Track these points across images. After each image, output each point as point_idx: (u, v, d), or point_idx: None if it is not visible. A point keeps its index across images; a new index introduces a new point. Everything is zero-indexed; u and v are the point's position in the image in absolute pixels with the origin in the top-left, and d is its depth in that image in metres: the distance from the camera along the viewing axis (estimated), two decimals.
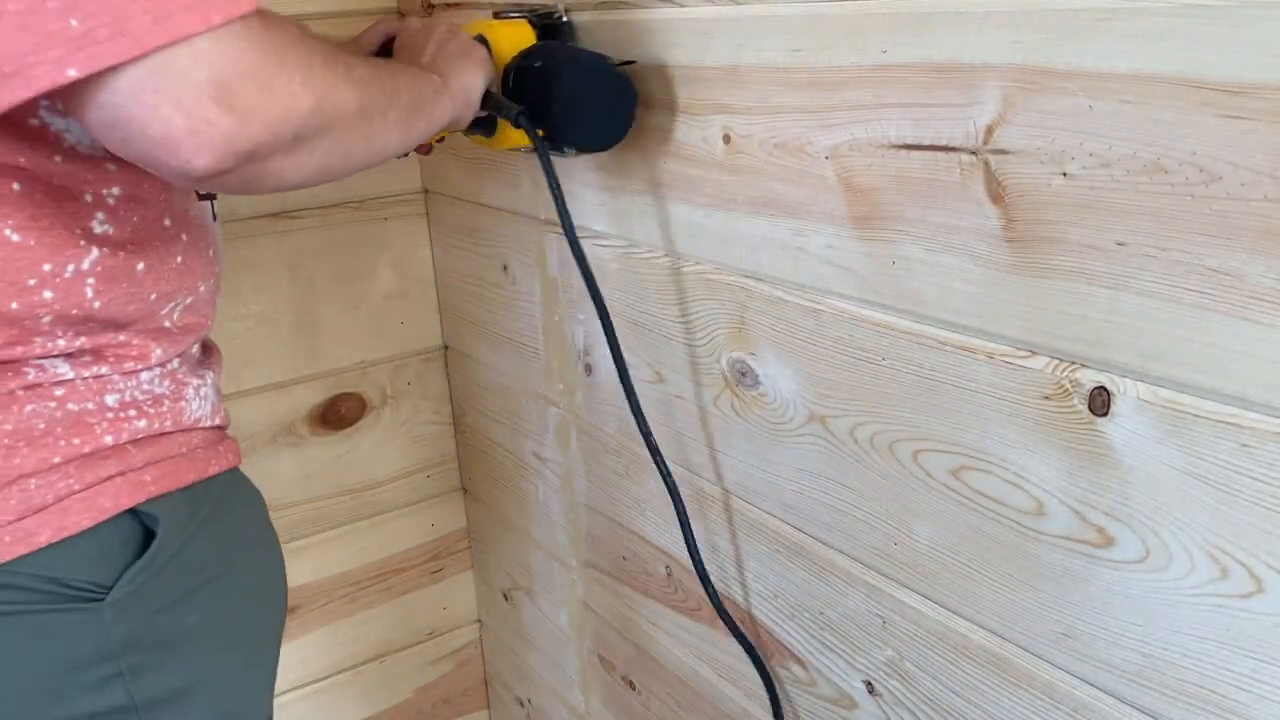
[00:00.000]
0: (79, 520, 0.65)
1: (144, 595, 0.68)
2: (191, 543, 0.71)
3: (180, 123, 0.54)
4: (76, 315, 0.66)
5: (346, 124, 0.64)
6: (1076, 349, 0.57)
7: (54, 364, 0.67)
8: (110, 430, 0.68)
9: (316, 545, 1.34)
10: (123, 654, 0.67)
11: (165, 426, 0.71)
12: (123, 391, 0.69)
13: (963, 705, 0.71)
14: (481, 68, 0.82)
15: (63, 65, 0.51)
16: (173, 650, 0.70)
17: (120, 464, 0.68)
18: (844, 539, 0.77)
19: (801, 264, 0.74)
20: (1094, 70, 0.52)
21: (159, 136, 0.54)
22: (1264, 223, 0.47)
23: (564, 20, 0.89)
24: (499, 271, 1.18)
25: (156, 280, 0.70)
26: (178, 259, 0.71)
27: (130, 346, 0.70)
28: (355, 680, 1.43)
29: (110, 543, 0.67)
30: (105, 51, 0.51)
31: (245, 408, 1.25)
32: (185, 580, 0.71)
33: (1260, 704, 0.53)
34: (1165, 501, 0.55)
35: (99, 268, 0.66)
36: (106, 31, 0.51)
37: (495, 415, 1.29)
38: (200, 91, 0.54)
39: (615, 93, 0.83)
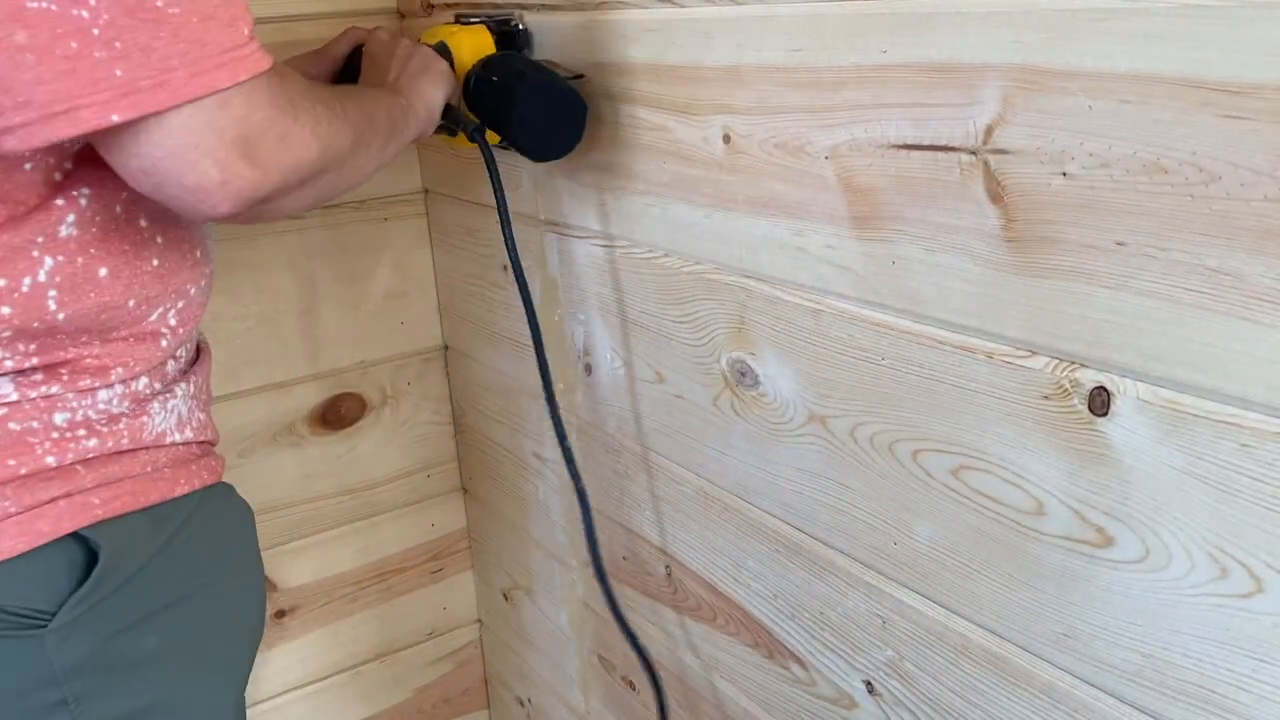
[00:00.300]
0: (13, 545, 0.64)
1: (94, 620, 0.67)
2: (153, 564, 0.70)
3: (215, 175, 0.59)
4: (38, 328, 0.65)
5: (343, 160, 0.70)
6: (1076, 349, 0.57)
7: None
8: (54, 451, 0.67)
9: (316, 545, 1.34)
10: (67, 680, 0.66)
11: (122, 445, 0.70)
12: (74, 410, 0.68)
13: (962, 705, 0.71)
14: (442, 83, 0.88)
15: (108, 110, 0.56)
16: (127, 674, 0.69)
17: (65, 485, 0.66)
18: (844, 539, 0.77)
19: (801, 264, 0.74)
20: (1094, 70, 0.52)
21: (193, 185, 0.59)
22: (1264, 223, 0.47)
23: (520, 28, 0.96)
24: (499, 271, 1.18)
25: (129, 285, 0.69)
26: (153, 261, 0.70)
27: (86, 362, 0.68)
28: (355, 680, 1.43)
29: (53, 568, 0.66)
30: (147, 100, 0.56)
31: (245, 408, 1.25)
32: (144, 603, 0.70)
33: (1260, 704, 0.53)
34: (1165, 501, 0.55)
35: (57, 278, 0.65)
36: (150, 82, 0.56)
37: (495, 415, 1.29)
38: (231, 147, 0.59)
39: (565, 108, 0.88)
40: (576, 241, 1.00)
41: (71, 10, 0.54)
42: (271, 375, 1.26)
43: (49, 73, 0.55)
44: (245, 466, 1.26)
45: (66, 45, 0.54)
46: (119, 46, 0.55)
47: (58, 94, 0.55)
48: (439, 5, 1.14)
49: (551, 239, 1.05)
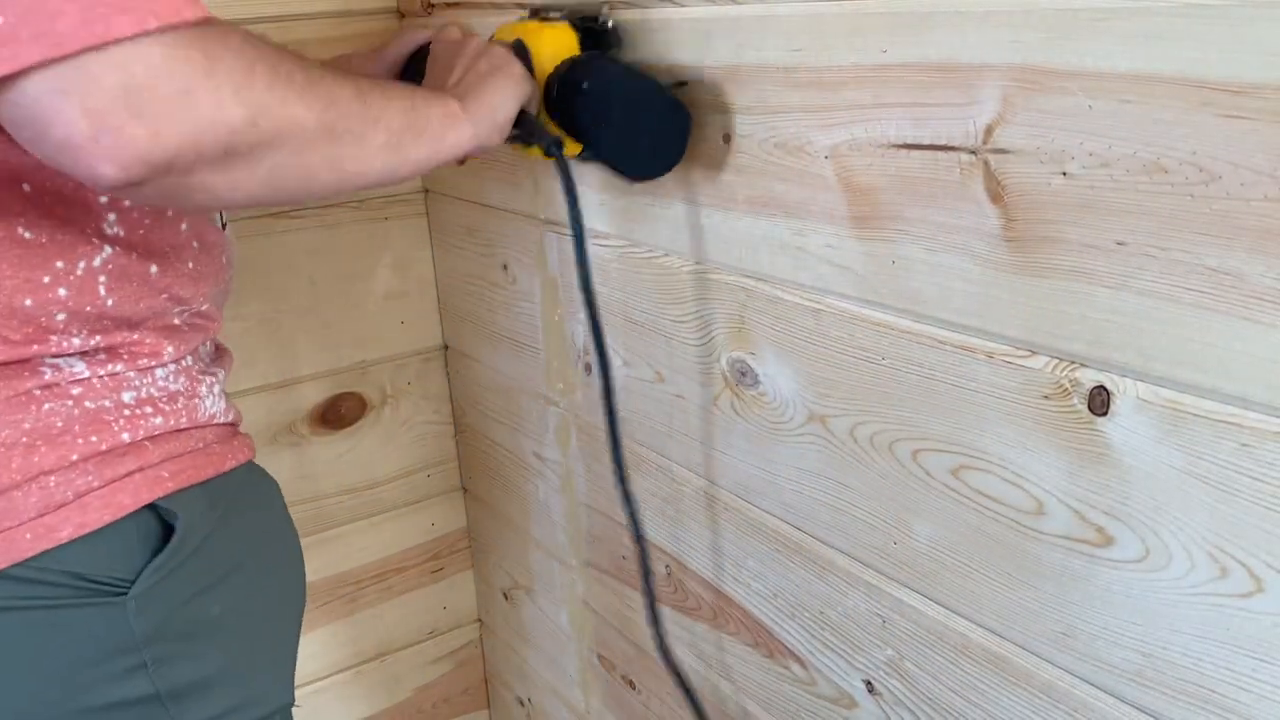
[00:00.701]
0: (99, 516, 0.66)
1: (167, 588, 0.69)
2: (212, 537, 0.72)
3: (84, 128, 0.51)
4: (90, 312, 0.67)
5: (300, 142, 0.60)
6: (1076, 348, 0.57)
7: (70, 363, 0.67)
8: (127, 427, 0.69)
9: (317, 545, 1.34)
10: (146, 645, 0.68)
11: (181, 423, 0.72)
12: (139, 389, 0.70)
13: (962, 704, 0.71)
14: (515, 88, 0.77)
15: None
16: (196, 641, 0.72)
17: (138, 460, 0.69)
18: (844, 538, 0.77)
19: (801, 263, 0.74)
20: (1094, 70, 0.52)
21: (61, 140, 0.52)
22: (1264, 222, 0.47)
23: (610, 26, 0.83)
24: (499, 271, 1.18)
25: (170, 283, 0.71)
26: (189, 264, 0.73)
27: (143, 344, 0.70)
28: (355, 680, 1.43)
29: (131, 538, 0.68)
30: (24, 51, 0.49)
31: (245, 408, 1.23)
32: (207, 573, 0.72)
33: (1260, 703, 0.53)
34: (1165, 501, 0.55)
35: (110, 265, 0.67)
36: (29, 31, 0.49)
37: (495, 415, 1.29)
38: (109, 97, 0.51)
39: (668, 122, 0.78)
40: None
41: None
42: (271, 375, 1.26)
43: None
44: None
45: None
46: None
47: None
48: (439, 4, 1.14)
49: (551, 239, 1.05)
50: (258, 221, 1.21)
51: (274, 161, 0.59)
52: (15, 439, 0.65)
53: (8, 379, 0.65)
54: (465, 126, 0.73)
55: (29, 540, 0.65)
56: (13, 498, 0.65)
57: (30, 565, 0.65)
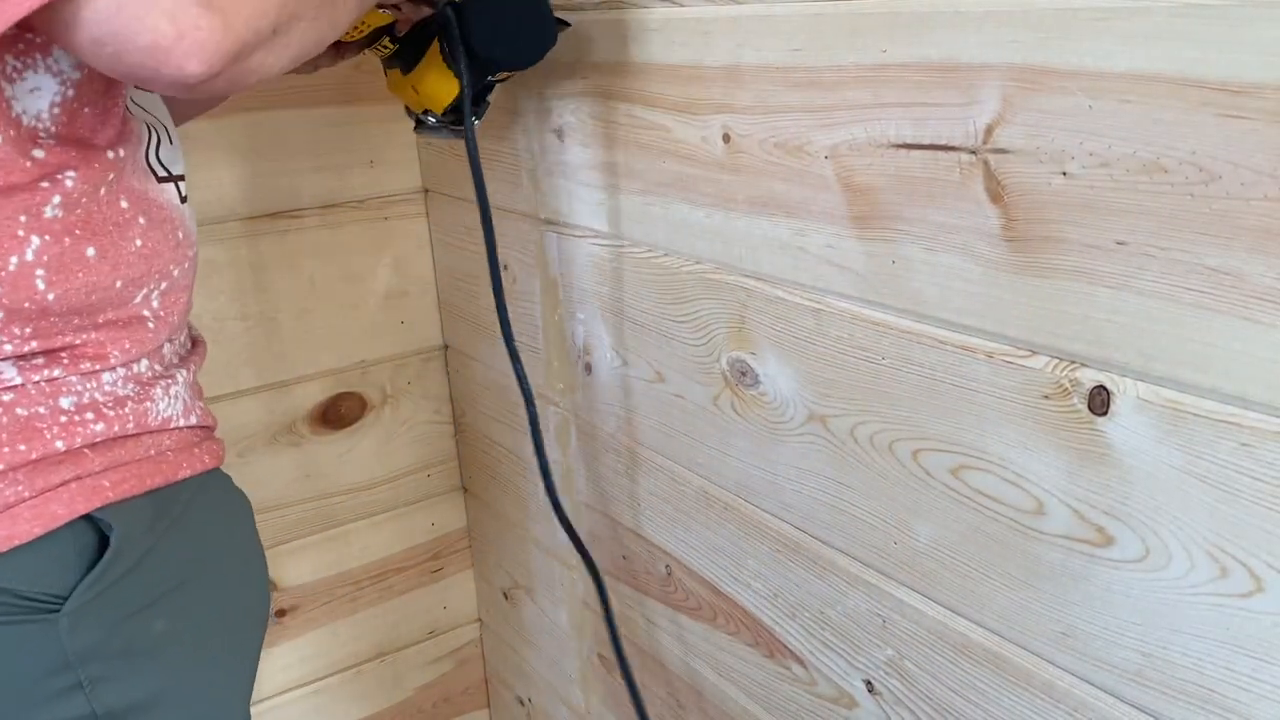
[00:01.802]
0: (29, 528, 0.64)
1: (104, 603, 0.67)
2: (158, 548, 0.70)
3: (167, 29, 0.54)
4: (29, 309, 0.64)
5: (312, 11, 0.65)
6: (1076, 348, 0.57)
7: (1, 368, 0.65)
8: (62, 435, 0.66)
9: (317, 544, 1.34)
10: (82, 664, 0.66)
11: (128, 429, 0.69)
12: (80, 394, 0.67)
13: (962, 704, 0.71)
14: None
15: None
16: (137, 659, 0.69)
17: (75, 469, 0.66)
18: (844, 538, 0.77)
19: (801, 263, 0.74)
20: (1093, 70, 0.52)
21: (148, 46, 0.54)
22: (1264, 222, 0.47)
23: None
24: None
25: (115, 266, 0.68)
26: (136, 242, 0.69)
27: (87, 347, 0.68)
28: (355, 679, 1.43)
29: (65, 551, 0.66)
30: None
31: (245, 407, 1.25)
32: (151, 587, 0.69)
33: (1260, 703, 0.53)
34: (1165, 501, 0.55)
35: (44, 257, 0.64)
36: None
37: (495, 415, 1.29)
38: None
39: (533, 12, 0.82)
40: (576, 241, 1.00)
41: None
42: (271, 375, 1.26)
43: None
44: (245, 466, 1.26)
45: None
46: None
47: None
48: None
49: (551, 239, 1.05)
50: (258, 221, 1.21)
51: (301, 30, 0.64)
52: None
53: None
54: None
55: None
56: None
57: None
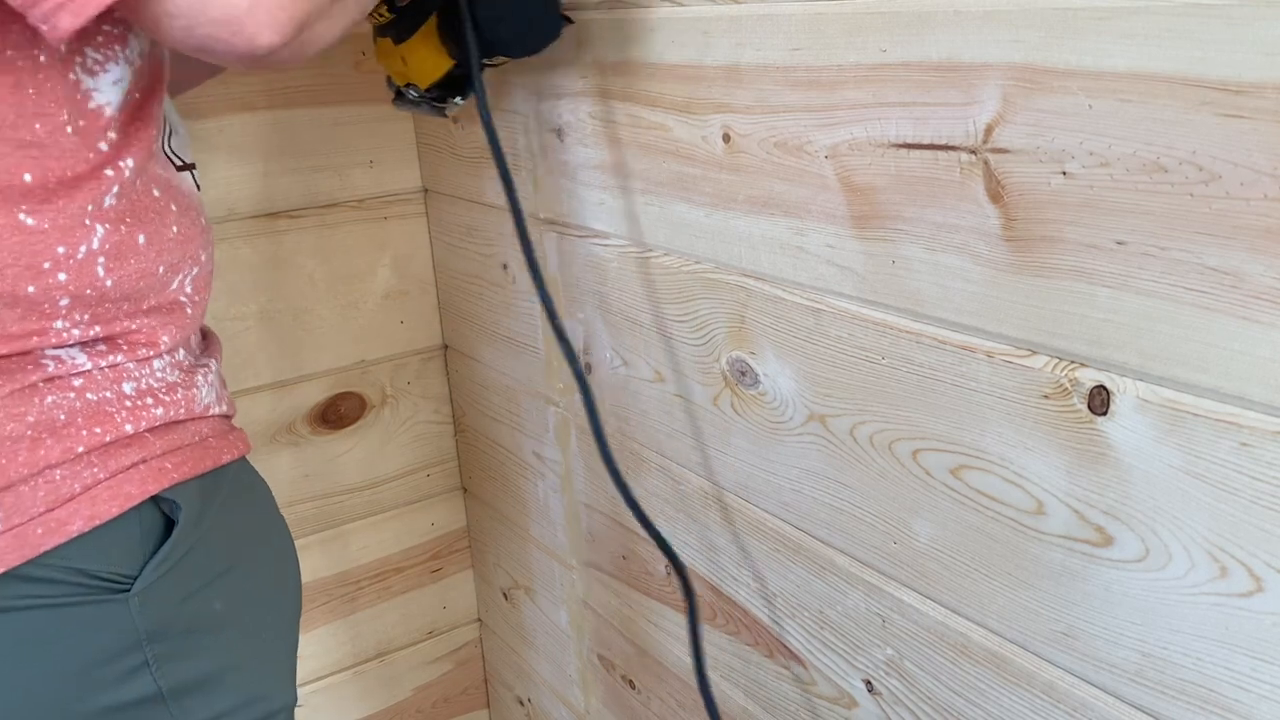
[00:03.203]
0: (108, 508, 0.66)
1: (169, 584, 0.69)
2: (211, 531, 0.72)
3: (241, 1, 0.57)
4: (91, 296, 0.67)
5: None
6: (1076, 348, 0.57)
7: (71, 354, 0.67)
8: (130, 419, 0.69)
9: (316, 544, 1.34)
10: (149, 643, 0.68)
11: (179, 414, 0.72)
12: (138, 380, 0.70)
13: (962, 704, 0.71)
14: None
15: None
16: (199, 637, 0.71)
17: (142, 451, 0.69)
18: (843, 538, 0.77)
19: (801, 263, 0.74)
20: (1093, 69, 0.52)
21: (220, 18, 0.57)
22: (1264, 222, 0.47)
23: None
24: (499, 271, 1.18)
25: (160, 252, 0.70)
26: (173, 229, 0.72)
27: (140, 334, 0.70)
28: (355, 679, 1.43)
29: (133, 532, 0.68)
30: None
31: (245, 407, 1.25)
32: (208, 567, 0.71)
33: (1260, 703, 0.53)
34: (1165, 501, 0.55)
35: (107, 245, 0.67)
36: None
37: (495, 415, 1.29)
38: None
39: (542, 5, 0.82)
40: (576, 241, 1.00)
41: None
42: (271, 374, 1.26)
43: None
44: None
45: None
46: None
47: None
48: None
49: (551, 238, 1.05)
50: (258, 221, 1.21)
51: (346, 6, 0.66)
52: (20, 433, 0.65)
53: (10, 373, 0.65)
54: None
55: (39, 535, 0.64)
56: (20, 493, 0.64)
57: (37, 563, 0.64)
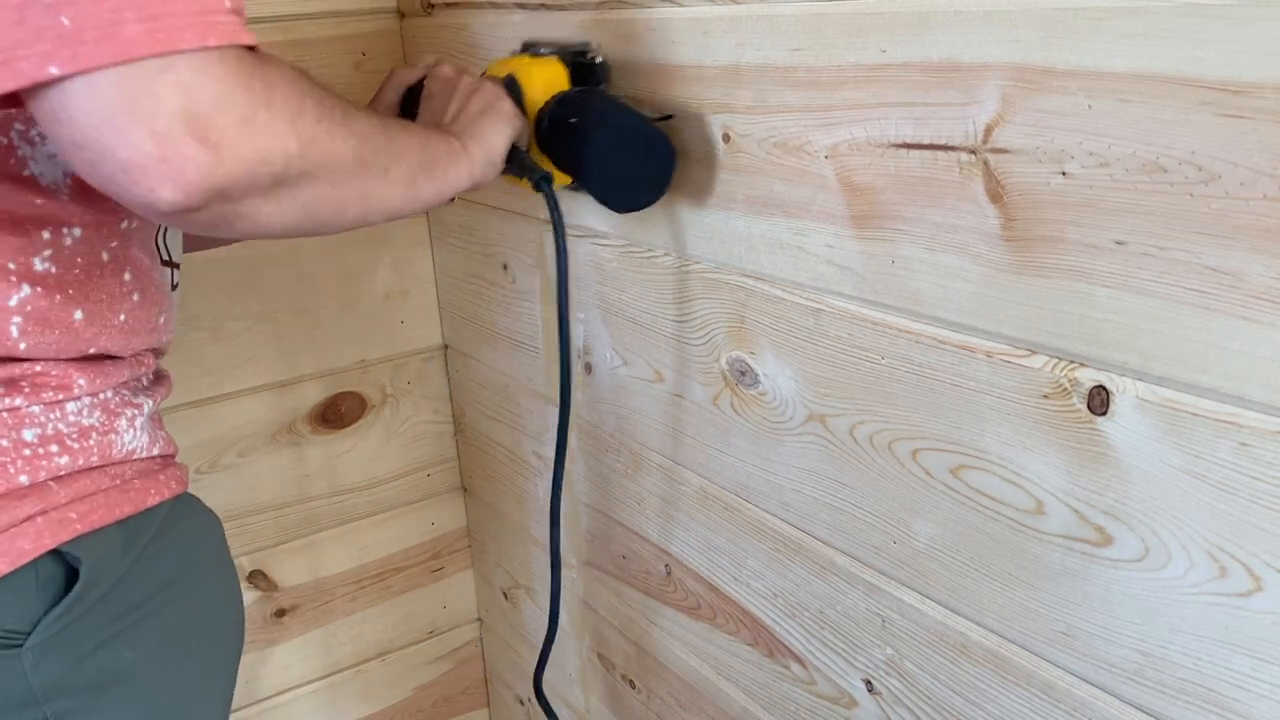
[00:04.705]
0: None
1: (71, 636, 0.65)
2: (128, 577, 0.68)
3: (150, 149, 0.51)
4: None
5: (339, 175, 0.62)
6: (1075, 348, 0.57)
7: None
8: (26, 469, 0.64)
9: (316, 544, 1.34)
10: (47, 699, 0.64)
11: (91, 461, 0.67)
12: (43, 425, 0.65)
13: (962, 704, 0.71)
14: (507, 125, 0.79)
15: (46, 60, 0.50)
16: (107, 690, 0.67)
17: (41, 502, 0.64)
18: (843, 538, 0.78)
19: (801, 263, 0.74)
20: (1093, 69, 0.52)
21: (125, 161, 0.52)
22: (1263, 222, 0.47)
23: (598, 61, 0.86)
24: (499, 271, 1.18)
25: (96, 333, 0.67)
26: (121, 317, 0.68)
27: (50, 377, 0.65)
28: (355, 679, 1.43)
29: (27, 587, 0.63)
30: (90, 52, 0.50)
31: (245, 407, 1.25)
32: (119, 618, 0.68)
33: (1259, 702, 0.53)
34: (1164, 500, 0.55)
35: (29, 307, 0.63)
36: (96, 34, 0.49)
37: (495, 414, 1.29)
38: (175, 118, 0.51)
39: (653, 155, 0.80)
40: (576, 241, 1.00)
41: None
42: (271, 374, 1.26)
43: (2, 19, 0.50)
44: (245, 465, 1.26)
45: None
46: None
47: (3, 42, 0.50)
48: (439, 4, 1.14)
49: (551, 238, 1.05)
50: None
51: (314, 192, 0.61)
52: None
53: None
54: (464, 163, 0.75)
55: None
56: None
57: None
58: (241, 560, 1.29)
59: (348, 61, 1.22)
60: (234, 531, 1.27)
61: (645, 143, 0.80)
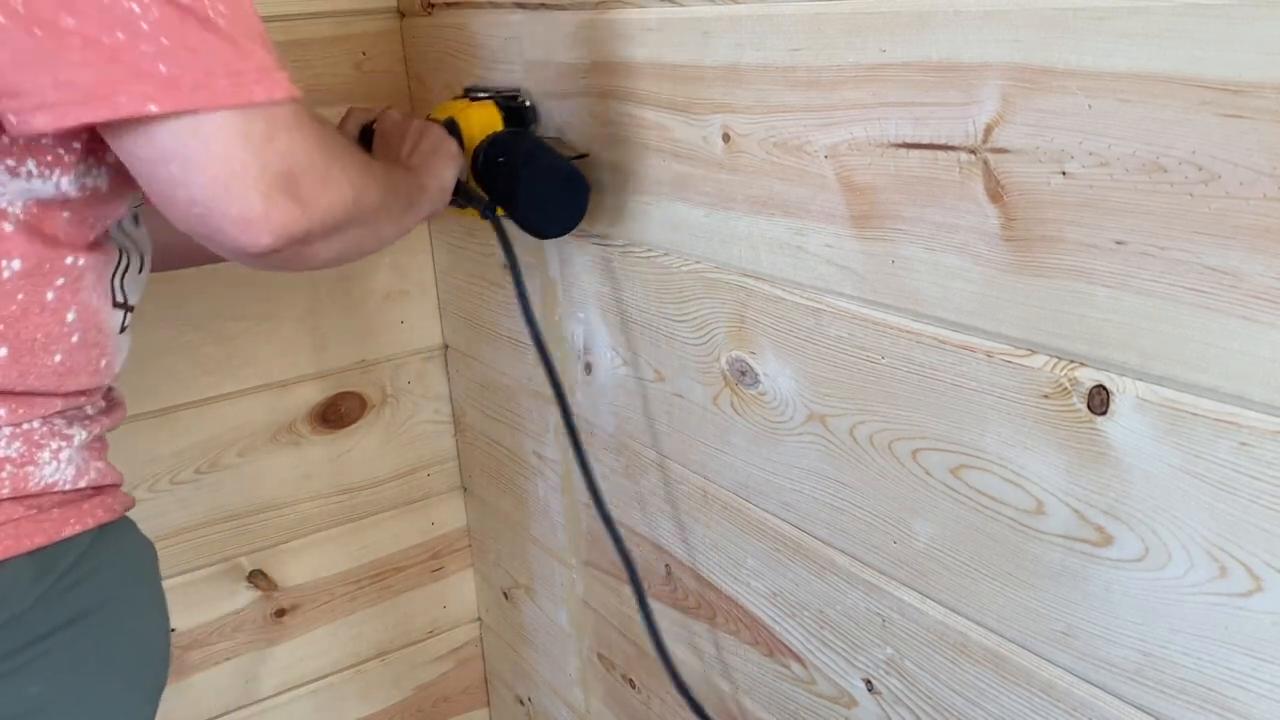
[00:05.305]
0: None
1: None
2: (36, 608, 0.66)
3: (259, 207, 0.60)
4: None
5: (371, 216, 0.71)
6: (1075, 348, 0.57)
7: None
8: None
9: (317, 544, 1.34)
10: None
11: (2, 493, 0.65)
12: None
13: (962, 703, 0.71)
14: (453, 162, 0.91)
15: (146, 100, 0.57)
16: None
17: None
18: (843, 537, 0.78)
19: (801, 263, 0.74)
20: (1093, 69, 0.52)
21: (237, 216, 0.60)
22: (1263, 221, 0.47)
23: (527, 105, 0.99)
24: (499, 271, 1.18)
25: (23, 374, 0.65)
26: (56, 358, 0.67)
27: None
28: (356, 679, 1.43)
29: None
30: (186, 97, 0.57)
31: (245, 407, 1.25)
32: (23, 649, 0.66)
33: (1259, 702, 0.53)
34: (1164, 500, 0.55)
35: None
36: (191, 82, 0.57)
37: (495, 414, 1.29)
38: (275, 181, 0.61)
39: (569, 189, 0.91)
40: (576, 241, 1.00)
41: (123, 2, 0.56)
42: (271, 374, 1.26)
43: (94, 57, 0.56)
44: (245, 465, 1.26)
45: (114, 34, 0.55)
46: (165, 43, 0.57)
47: (100, 79, 0.56)
48: (439, 4, 1.14)
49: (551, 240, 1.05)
50: None
51: (356, 233, 0.71)
52: None
53: None
54: (425, 198, 0.86)
55: None
56: None
57: None
58: (241, 560, 1.29)
59: (348, 61, 1.22)
60: (234, 531, 1.27)
61: (564, 180, 0.91)
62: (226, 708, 1.33)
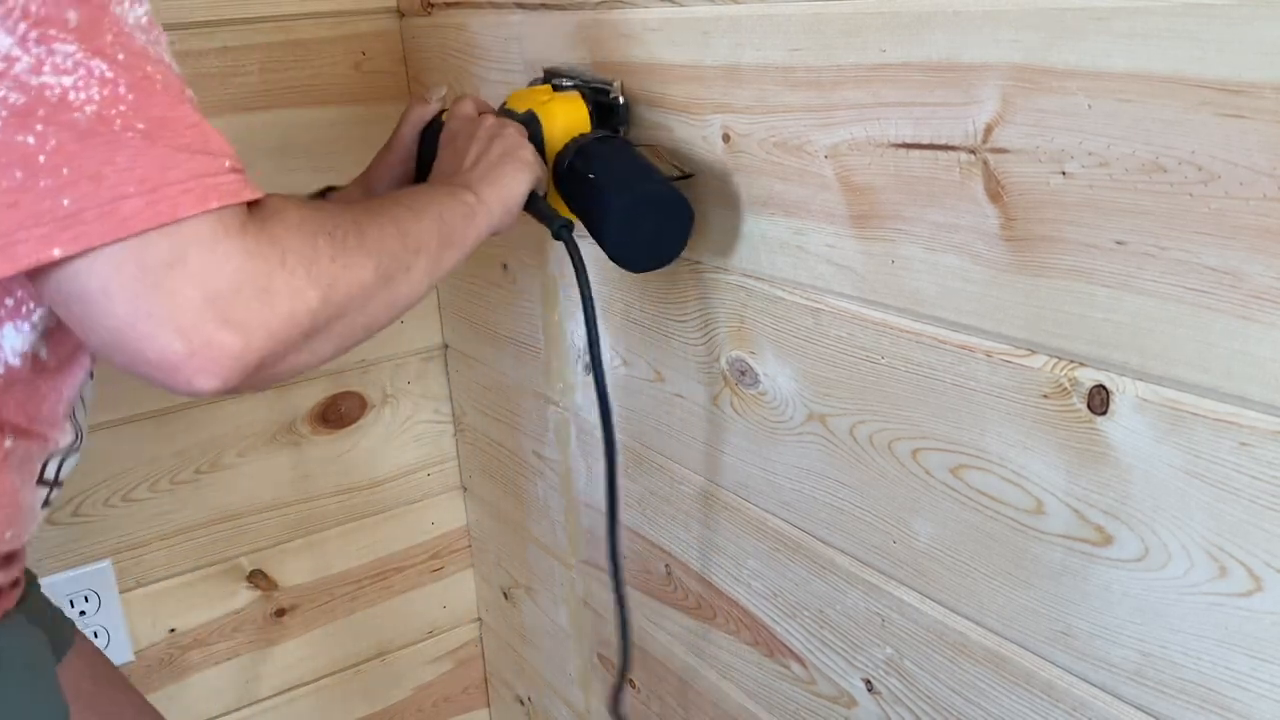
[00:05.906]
0: None
1: None
2: None
3: (179, 347, 0.51)
4: None
5: (364, 300, 0.61)
6: (1075, 348, 0.57)
7: None
8: None
9: (316, 544, 1.35)
10: None
11: None
12: None
13: (962, 703, 0.71)
14: (526, 173, 0.77)
15: (48, 243, 0.49)
16: None
17: None
18: (843, 537, 0.78)
19: (801, 263, 0.74)
20: (1093, 69, 0.52)
21: (156, 360, 0.51)
22: (1263, 221, 0.47)
23: (620, 102, 0.85)
24: (499, 271, 1.18)
25: None
26: None
27: None
28: (355, 679, 1.43)
29: None
30: (92, 231, 0.49)
31: (245, 407, 1.25)
32: None
33: (1259, 702, 0.53)
34: (1164, 500, 0.55)
35: None
36: (96, 212, 0.49)
37: (495, 414, 1.29)
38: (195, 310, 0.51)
39: (668, 218, 0.79)
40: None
41: (16, 137, 0.48)
42: None
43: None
44: (245, 465, 1.26)
45: (10, 175, 0.48)
46: (66, 174, 0.49)
47: None
48: (439, 4, 1.14)
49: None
50: None
51: (344, 324, 0.60)
52: None
53: None
54: (483, 218, 0.74)
55: None
56: None
57: None
58: (241, 560, 1.29)
59: (348, 61, 1.22)
60: (234, 531, 1.28)
61: (664, 209, 0.78)
62: (226, 708, 1.33)
